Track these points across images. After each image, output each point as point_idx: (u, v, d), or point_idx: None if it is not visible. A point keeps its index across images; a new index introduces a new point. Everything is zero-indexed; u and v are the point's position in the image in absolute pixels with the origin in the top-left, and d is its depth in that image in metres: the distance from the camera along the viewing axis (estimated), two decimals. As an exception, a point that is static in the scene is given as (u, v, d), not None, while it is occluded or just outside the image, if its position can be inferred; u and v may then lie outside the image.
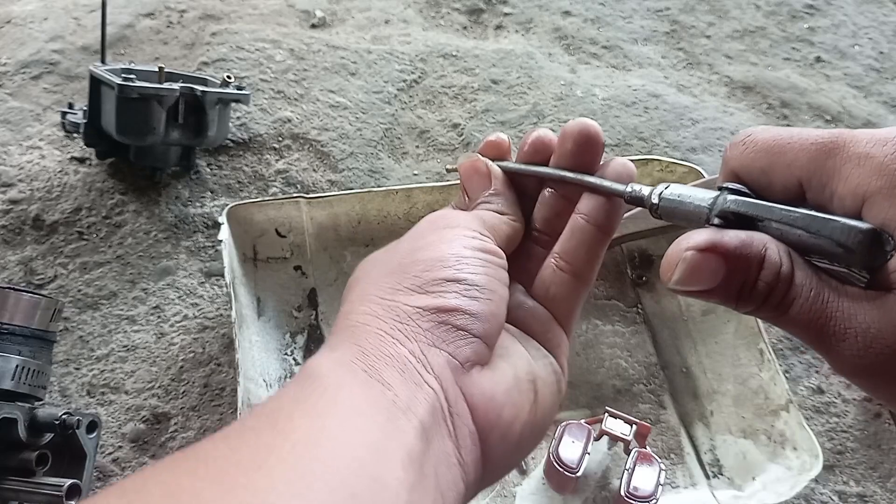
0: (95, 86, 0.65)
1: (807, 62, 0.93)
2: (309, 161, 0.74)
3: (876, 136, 0.24)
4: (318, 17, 0.90)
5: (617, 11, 0.96)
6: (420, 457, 0.26)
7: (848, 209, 0.24)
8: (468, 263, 0.30)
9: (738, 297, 0.25)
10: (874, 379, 0.24)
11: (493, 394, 0.29)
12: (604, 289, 0.66)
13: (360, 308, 0.30)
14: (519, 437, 0.30)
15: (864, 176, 0.23)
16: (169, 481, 0.22)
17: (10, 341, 0.49)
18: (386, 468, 0.24)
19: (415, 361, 0.28)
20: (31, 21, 0.84)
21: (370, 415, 0.26)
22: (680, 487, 0.57)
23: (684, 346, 0.63)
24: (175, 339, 0.61)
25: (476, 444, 0.29)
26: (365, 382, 0.27)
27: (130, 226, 0.67)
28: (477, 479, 0.29)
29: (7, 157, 0.71)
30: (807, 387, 0.64)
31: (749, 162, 0.27)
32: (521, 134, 0.79)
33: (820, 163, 0.25)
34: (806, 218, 0.24)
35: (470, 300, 0.29)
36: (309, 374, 0.27)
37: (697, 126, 0.83)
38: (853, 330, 0.23)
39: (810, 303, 0.24)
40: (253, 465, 0.22)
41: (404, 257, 0.31)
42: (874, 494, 0.59)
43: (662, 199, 0.29)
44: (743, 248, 0.24)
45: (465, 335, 0.29)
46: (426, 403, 0.27)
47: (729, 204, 0.26)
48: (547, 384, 0.32)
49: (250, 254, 0.63)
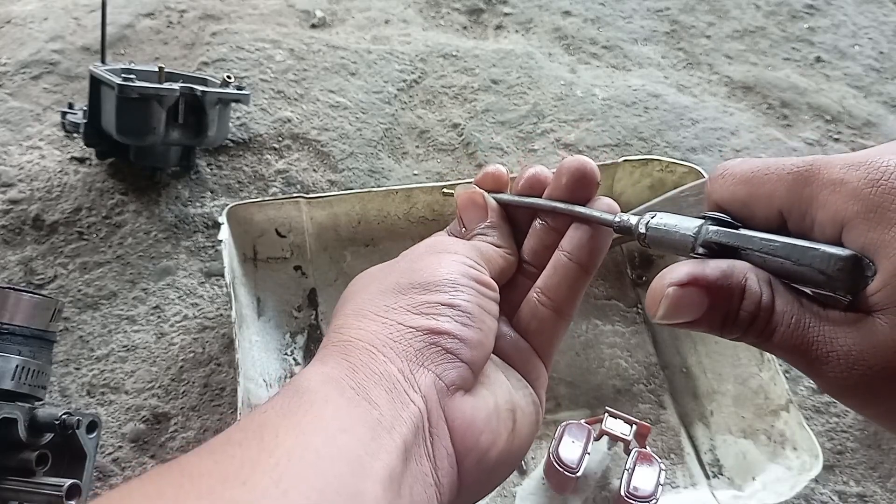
0: (95, 86, 0.65)
1: (807, 62, 0.93)
2: (309, 161, 0.74)
3: (849, 160, 0.24)
4: (318, 17, 0.90)
5: (617, 11, 0.96)
6: (399, 476, 0.26)
7: (828, 236, 0.24)
8: (462, 291, 0.31)
9: (723, 326, 0.26)
10: (859, 398, 0.24)
11: (473, 419, 0.30)
12: (604, 289, 0.66)
13: (355, 323, 0.31)
14: (494, 464, 0.31)
15: (841, 202, 0.23)
16: (153, 495, 0.22)
17: (10, 341, 0.49)
18: (366, 485, 0.24)
19: (402, 380, 0.28)
20: (31, 21, 0.84)
21: (355, 432, 0.26)
22: (680, 487, 0.57)
23: (684, 346, 0.63)
24: (175, 339, 0.61)
25: (453, 467, 0.29)
26: (352, 400, 0.27)
27: (130, 226, 0.67)
28: (450, 501, 0.30)
29: (7, 157, 0.71)
30: (807, 387, 0.64)
31: (729, 195, 0.27)
32: (521, 134, 0.79)
33: (797, 192, 0.25)
34: (786, 247, 0.25)
35: (461, 326, 0.30)
36: (297, 388, 0.28)
37: (697, 126, 0.83)
38: (835, 353, 0.23)
39: (791, 329, 0.24)
40: (237, 480, 0.22)
41: (401, 277, 0.32)
42: (874, 494, 0.59)
43: (649, 230, 0.30)
44: (724, 279, 0.25)
45: (454, 359, 0.30)
46: (410, 423, 0.28)
47: (710, 235, 0.27)
48: (525, 414, 0.33)
49: (250, 254, 0.63)
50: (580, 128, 0.81)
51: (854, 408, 0.25)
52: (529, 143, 0.79)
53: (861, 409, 0.25)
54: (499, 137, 0.79)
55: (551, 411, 0.60)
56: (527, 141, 0.79)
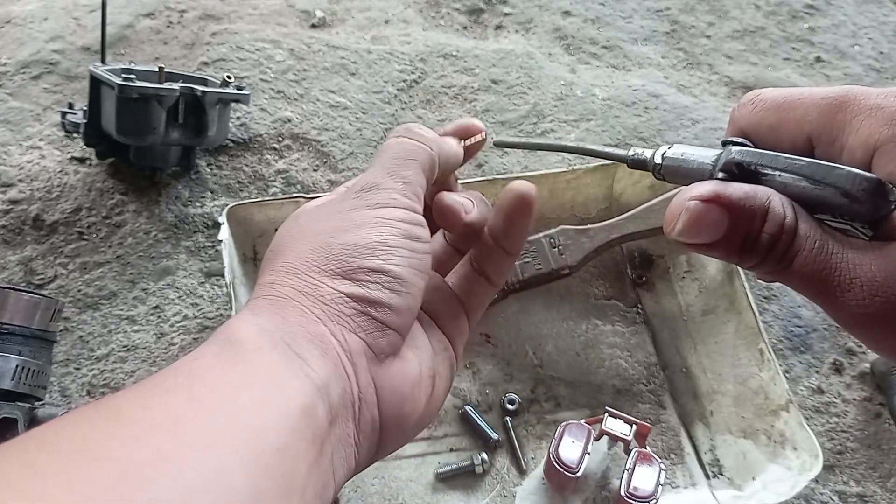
0: (95, 86, 0.65)
1: (807, 62, 0.93)
2: (309, 161, 0.74)
3: (887, 90, 0.24)
4: (318, 17, 0.90)
5: (617, 11, 0.96)
6: (323, 436, 0.26)
7: (857, 161, 0.24)
8: (394, 255, 0.30)
9: (742, 250, 0.25)
10: (878, 329, 0.23)
11: (400, 387, 0.30)
12: (604, 289, 0.66)
13: (287, 280, 0.30)
14: (410, 428, 0.32)
15: (875, 126, 0.23)
16: (81, 435, 0.22)
17: (10, 341, 0.49)
18: (293, 442, 0.24)
19: (336, 344, 0.28)
20: (31, 21, 0.84)
21: (285, 388, 0.26)
22: (680, 487, 0.57)
23: (684, 346, 0.63)
24: (175, 339, 0.61)
25: (375, 431, 0.30)
26: (284, 354, 0.27)
27: (130, 226, 0.67)
28: (366, 460, 0.30)
29: (7, 157, 0.71)
30: (807, 387, 0.64)
31: (757, 120, 0.27)
32: (521, 134, 0.79)
33: (830, 116, 0.25)
34: (811, 166, 0.24)
35: (392, 293, 0.30)
36: (230, 337, 0.27)
37: (697, 126, 0.83)
38: (858, 280, 0.23)
39: (815, 254, 0.24)
40: (164, 429, 0.22)
41: (331, 236, 0.31)
42: (874, 494, 0.59)
43: (665, 159, 0.29)
44: (747, 199, 0.24)
45: (383, 327, 0.30)
46: (338, 387, 0.28)
47: (734, 155, 0.26)
48: (442, 378, 0.34)
49: (250, 254, 0.63)
50: (580, 128, 0.81)
51: (870, 340, 0.25)
52: (529, 143, 0.79)
53: (877, 342, 0.24)
54: (499, 137, 0.79)
55: (551, 411, 0.60)
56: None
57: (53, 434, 0.22)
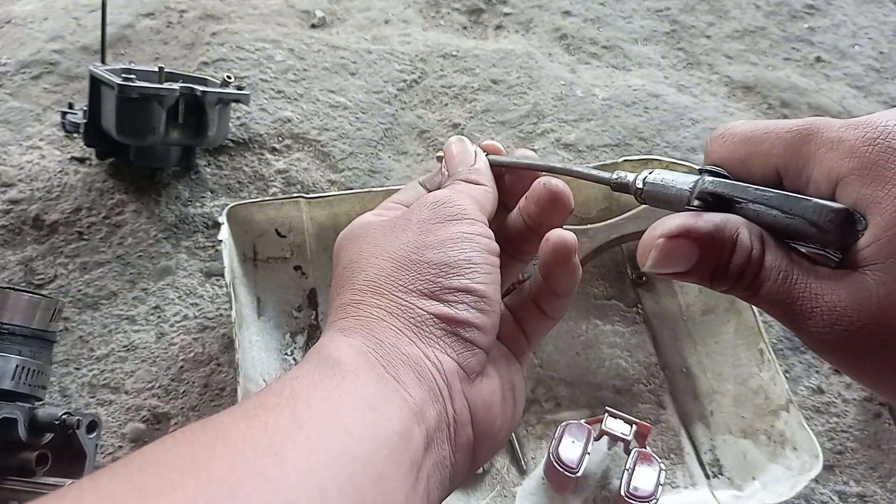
0: (95, 86, 0.65)
1: (807, 62, 0.93)
2: (309, 161, 0.74)
3: (848, 121, 0.24)
4: (318, 17, 0.90)
5: (617, 11, 0.96)
6: (420, 461, 0.26)
7: (823, 192, 0.25)
8: (478, 272, 0.31)
9: (712, 278, 0.26)
10: (840, 355, 0.24)
11: (491, 404, 0.30)
12: (604, 289, 0.66)
13: (373, 300, 0.30)
14: (500, 442, 0.32)
15: (837, 159, 0.24)
16: (186, 455, 0.22)
17: (10, 341, 0.49)
18: (391, 471, 0.25)
19: (430, 366, 0.29)
20: (31, 21, 0.84)
21: (384, 412, 0.26)
22: (680, 487, 0.57)
23: (684, 346, 0.63)
24: (175, 339, 0.61)
25: (470, 450, 0.30)
26: (381, 377, 0.27)
27: (130, 226, 0.67)
28: (462, 478, 0.30)
29: (7, 157, 0.71)
30: (807, 387, 0.64)
31: (728, 153, 0.28)
32: (521, 134, 0.79)
33: (795, 149, 0.25)
34: (780, 197, 0.25)
35: (479, 313, 0.30)
36: (328, 358, 0.28)
37: (697, 126, 0.83)
38: (819, 309, 0.23)
39: (779, 284, 0.25)
40: (269, 450, 0.22)
41: (414, 252, 0.31)
42: (874, 494, 0.59)
43: (646, 184, 0.30)
44: (716, 232, 0.25)
45: (472, 347, 0.30)
46: (434, 410, 0.28)
47: (707, 185, 0.27)
48: (519, 390, 0.34)
49: (250, 254, 0.63)
50: (580, 128, 0.81)
51: (836, 365, 0.25)
52: (529, 143, 0.79)
53: (843, 366, 0.25)
54: (499, 137, 0.79)
55: (551, 411, 0.60)
56: (527, 141, 0.79)
57: (159, 454, 0.22)
